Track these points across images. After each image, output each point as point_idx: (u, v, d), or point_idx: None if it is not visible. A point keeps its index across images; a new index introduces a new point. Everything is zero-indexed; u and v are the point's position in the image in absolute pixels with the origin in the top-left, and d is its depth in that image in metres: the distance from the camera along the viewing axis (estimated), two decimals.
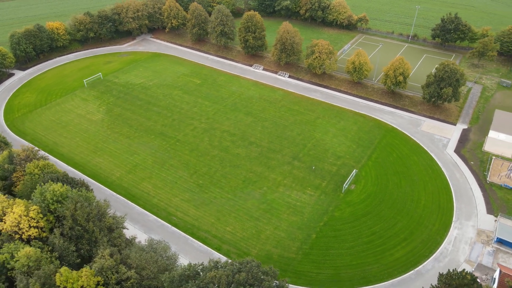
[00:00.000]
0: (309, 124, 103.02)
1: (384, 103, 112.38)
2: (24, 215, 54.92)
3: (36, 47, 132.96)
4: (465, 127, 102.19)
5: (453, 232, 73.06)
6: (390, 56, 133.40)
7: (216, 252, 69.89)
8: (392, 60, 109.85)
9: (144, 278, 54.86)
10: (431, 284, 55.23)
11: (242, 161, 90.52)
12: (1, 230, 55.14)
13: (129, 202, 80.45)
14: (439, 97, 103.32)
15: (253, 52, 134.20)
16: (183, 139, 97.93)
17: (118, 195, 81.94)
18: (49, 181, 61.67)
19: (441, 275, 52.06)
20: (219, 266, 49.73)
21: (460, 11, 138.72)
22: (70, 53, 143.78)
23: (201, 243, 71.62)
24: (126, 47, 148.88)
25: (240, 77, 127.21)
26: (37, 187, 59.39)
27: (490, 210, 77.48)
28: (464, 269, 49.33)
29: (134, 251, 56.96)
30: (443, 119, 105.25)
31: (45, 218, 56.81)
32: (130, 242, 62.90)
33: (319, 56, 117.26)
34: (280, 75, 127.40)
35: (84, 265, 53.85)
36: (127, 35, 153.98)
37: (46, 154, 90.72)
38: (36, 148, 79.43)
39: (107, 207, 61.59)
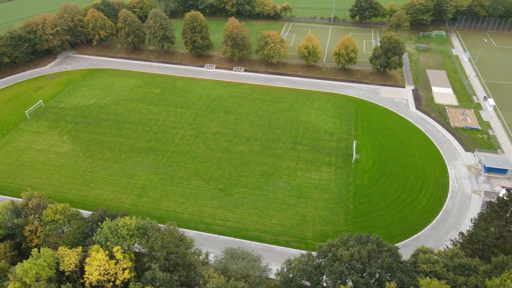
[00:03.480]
0: (289, 111, 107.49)
1: (341, 80, 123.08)
2: (108, 260, 47.81)
3: None
4: (413, 87, 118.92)
5: (451, 172, 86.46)
6: (323, 38, 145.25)
7: (278, 246, 70.41)
8: (341, 39, 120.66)
9: (252, 285, 53.53)
10: (481, 210, 65.89)
11: (249, 157, 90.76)
12: (85, 283, 47.09)
13: (159, 224, 74.32)
14: (387, 66, 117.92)
15: (201, 52, 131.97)
16: (177, 149, 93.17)
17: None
18: (107, 218, 54.18)
19: (489, 202, 62.54)
20: (333, 246, 51.54)
21: None
22: None
23: (258, 242, 71.13)
24: (51, 67, 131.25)
25: (197, 79, 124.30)
26: (103, 226, 51.74)
27: (466, 148, 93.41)
28: (510, 189, 60.43)
29: (230, 262, 54.81)
30: (393, 85, 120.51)
31: (127, 257, 50.21)
32: (207, 258, 59.79)
33: (273, 46, 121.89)
34: (236, 70, 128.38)
35: None
36: (46, 54, 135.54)
37: None
38: (38, 193, 67.50)
39: (177, 229, 57.30)
